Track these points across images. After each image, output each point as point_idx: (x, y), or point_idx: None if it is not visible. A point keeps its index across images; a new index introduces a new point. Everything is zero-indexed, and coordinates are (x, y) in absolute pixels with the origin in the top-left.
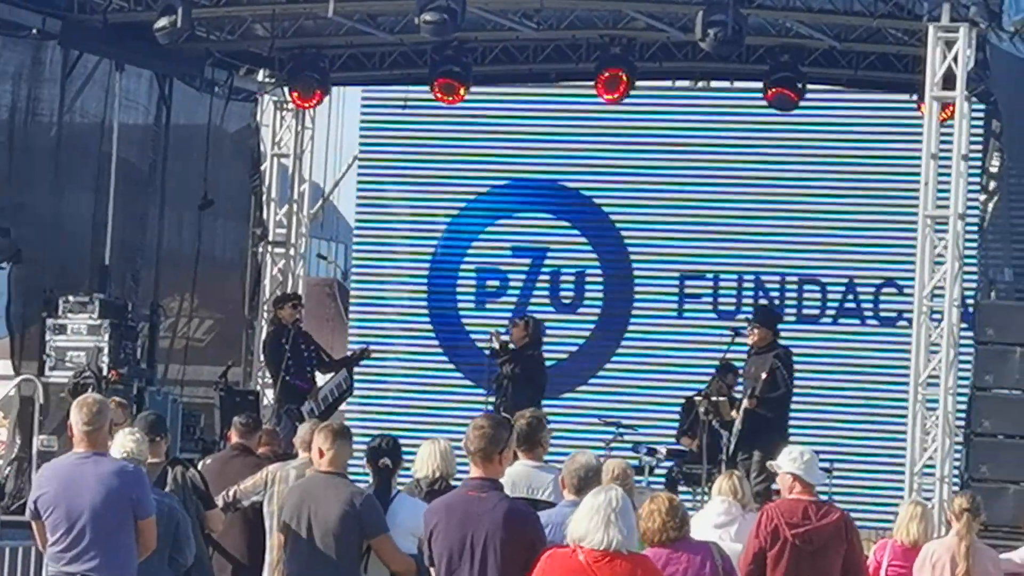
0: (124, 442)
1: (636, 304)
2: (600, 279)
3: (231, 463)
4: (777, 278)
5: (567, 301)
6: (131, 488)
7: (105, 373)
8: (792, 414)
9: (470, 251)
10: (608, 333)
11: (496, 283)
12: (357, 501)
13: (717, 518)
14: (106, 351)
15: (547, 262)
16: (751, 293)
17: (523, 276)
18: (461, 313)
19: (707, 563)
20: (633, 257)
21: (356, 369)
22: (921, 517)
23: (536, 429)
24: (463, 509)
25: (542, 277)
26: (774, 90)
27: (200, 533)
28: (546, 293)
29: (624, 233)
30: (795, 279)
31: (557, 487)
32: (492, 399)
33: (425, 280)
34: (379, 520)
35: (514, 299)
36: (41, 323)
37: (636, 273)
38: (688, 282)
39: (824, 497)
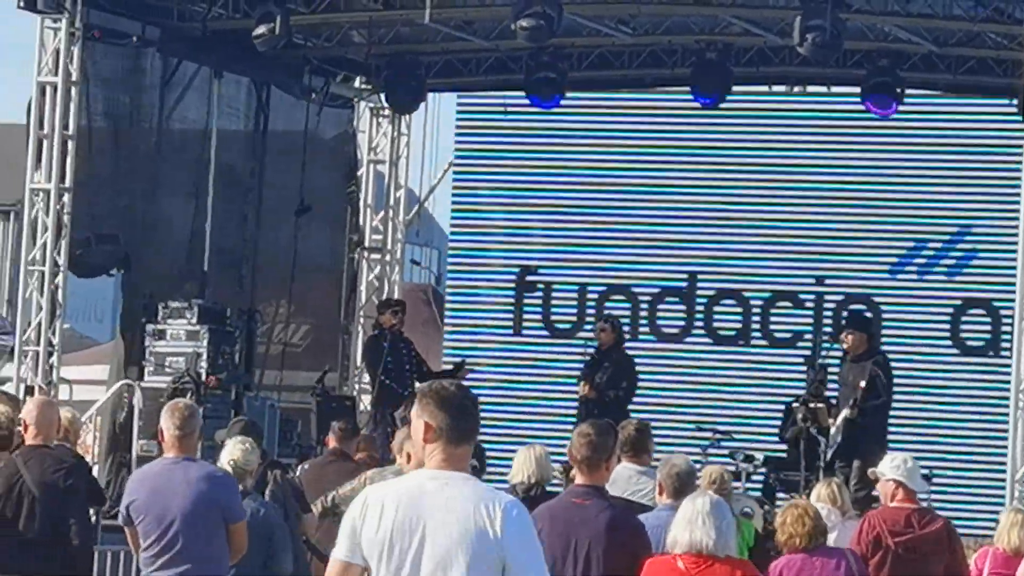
0: (232, 450)
1: (734, 309)
2: (698, 285)
3: (328, 468)
4: (877, 283)
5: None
6: (220, 493)
7: (203, 379)
8: (891, 421)
9: (566, 257)
10: (706, 338)
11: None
12: None
13: None
14: (204, 356)
15: (643, 267)
16: (847, 294)
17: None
18: (554, 319)
19: (842, 568)
20: (732, 262)
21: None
22: (1023, 524)
23: (644, 436)
24: (567, 516)
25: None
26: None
27: (299, 537)
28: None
29: (722, 237)
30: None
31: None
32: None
33: (518, 284)
34: None
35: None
36: (141, 328)
37: (735, 278)
38: (787, 287)
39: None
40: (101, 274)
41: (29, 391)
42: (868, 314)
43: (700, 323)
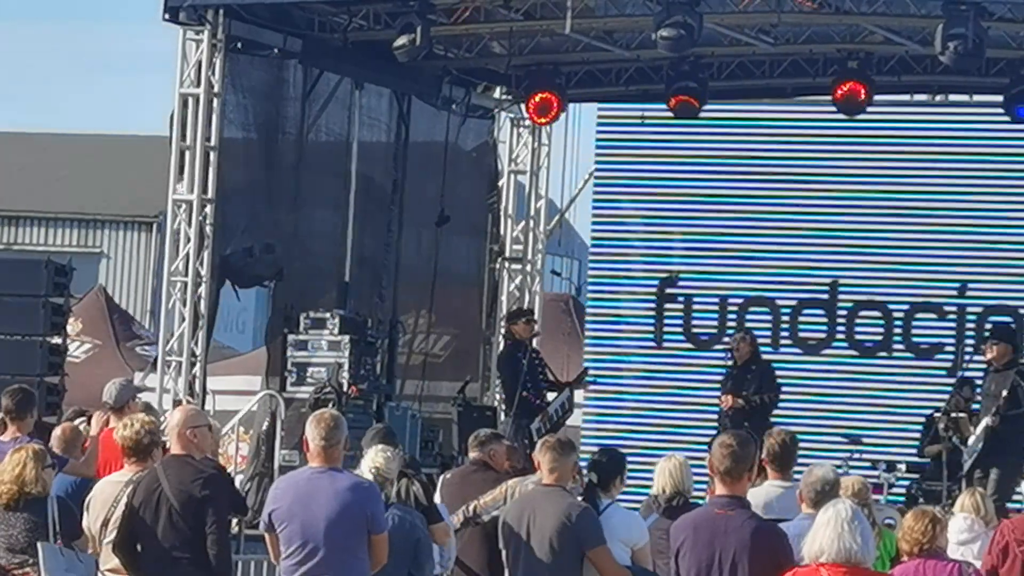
0: (374, 457)
1: (876, 319)
2: (839, 294)
3: (471, 478)
4: (1019, 294)
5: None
6: (366, 503)
7: (345, 389)
8: None
9: (706, 267)
10: (848, 348)
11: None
12: (574, 513)
13: (960, 535)
14: (346, 367)
15: (784, 277)
16: (989, 304)
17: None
18: (695, 329)
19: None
20: (874, 272)
21: (592, 385)
22: None
23: (791, 449)
24: (710, 527)
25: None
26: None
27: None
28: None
29: (863, 247)
30: None
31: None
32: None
33: (659, 295)
34: (596, 531)
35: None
36: (283, 339)
37: (877, 288)
38: (929, 295)
39: None
40: (259, 284)
41: (177, 404)
42: (1013, 325)
43: (842, 333)
